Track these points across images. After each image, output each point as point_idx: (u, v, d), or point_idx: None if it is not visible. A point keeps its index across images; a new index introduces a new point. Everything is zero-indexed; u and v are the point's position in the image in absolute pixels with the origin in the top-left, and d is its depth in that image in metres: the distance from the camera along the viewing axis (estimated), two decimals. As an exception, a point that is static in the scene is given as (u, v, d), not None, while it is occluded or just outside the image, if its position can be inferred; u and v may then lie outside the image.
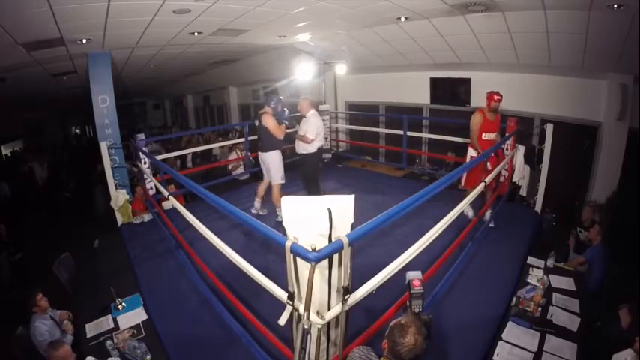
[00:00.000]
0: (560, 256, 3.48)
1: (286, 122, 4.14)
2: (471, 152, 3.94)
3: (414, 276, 1.67)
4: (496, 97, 3.72)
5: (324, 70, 7.24)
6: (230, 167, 6.24)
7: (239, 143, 6.12)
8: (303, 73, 6.69)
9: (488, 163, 3.65)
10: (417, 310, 1.61)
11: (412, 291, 1.62)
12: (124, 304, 2.89)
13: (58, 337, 2.62)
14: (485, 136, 3.82)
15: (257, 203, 4.44)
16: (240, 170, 6.15)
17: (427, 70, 5.98)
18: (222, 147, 7.30)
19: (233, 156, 6.26)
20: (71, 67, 5.48)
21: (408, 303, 1.66)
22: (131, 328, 2.65)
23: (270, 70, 8.16)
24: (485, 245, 3.44)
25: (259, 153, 4.27)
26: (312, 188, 4.51)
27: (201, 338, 2.52)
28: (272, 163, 4.16)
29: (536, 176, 4.37)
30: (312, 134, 4.27)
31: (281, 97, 4.28)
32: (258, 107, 5.48)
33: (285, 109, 4.16)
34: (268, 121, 4.04)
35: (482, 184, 2.89)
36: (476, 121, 3.81)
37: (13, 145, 12.18)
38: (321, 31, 5.40)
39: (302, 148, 4.38)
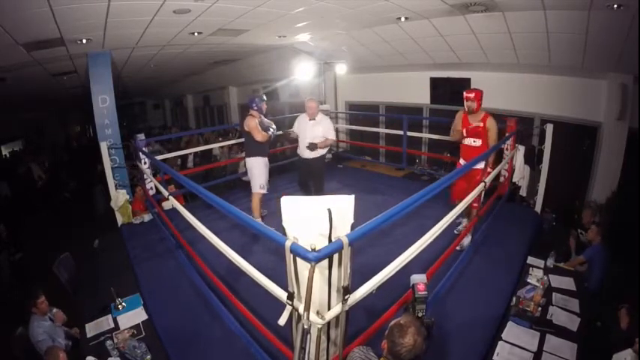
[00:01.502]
0: (561, 257, 3.47)
1: (270, 135, 3.89)
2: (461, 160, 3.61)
3: (419, 280, 1.63)
4: (466, 95, 3.30)
5: (324, 70, 7.23)
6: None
7: (239, 143, 6.11)
8: (303, 73, 6.69)
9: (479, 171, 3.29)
10: (420, 315, 1.60)
11: (417, 295, 1.59)
12: (124, 304, 2.89)
13: (56, 339, 2.62)
14: (464, 141, 3.50)
15: None
16: (243, 169, 6.14)
17: (427, 70, 5.97)
18: (222, 147, 7.30)
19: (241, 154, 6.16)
20: (71, 67, 5.48)
21: (410, 306, 1.64)
22: (131, 328, 2.65)
23: (270, 70, 8.15)
24: (486, 245, 3.45)
25: (245, 158, 4.10)
26: (318, 191, 4.32)
27: (201, 338, 2.52)
28: (253, 169, 3.96)
29: (536, 176, 4.37)
30: (334, 134, 4.16)
31: (264, 97, 3.99)
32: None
33: (272, 127, 3.92)
34: (249, 123, 3.83)
35: (482, 185, 2.86)
36: (455, 121, 3.56)
37: (13, 146, 12.17)
38: (321, 31, 5.40)
39: (312, 152, 4.12)
